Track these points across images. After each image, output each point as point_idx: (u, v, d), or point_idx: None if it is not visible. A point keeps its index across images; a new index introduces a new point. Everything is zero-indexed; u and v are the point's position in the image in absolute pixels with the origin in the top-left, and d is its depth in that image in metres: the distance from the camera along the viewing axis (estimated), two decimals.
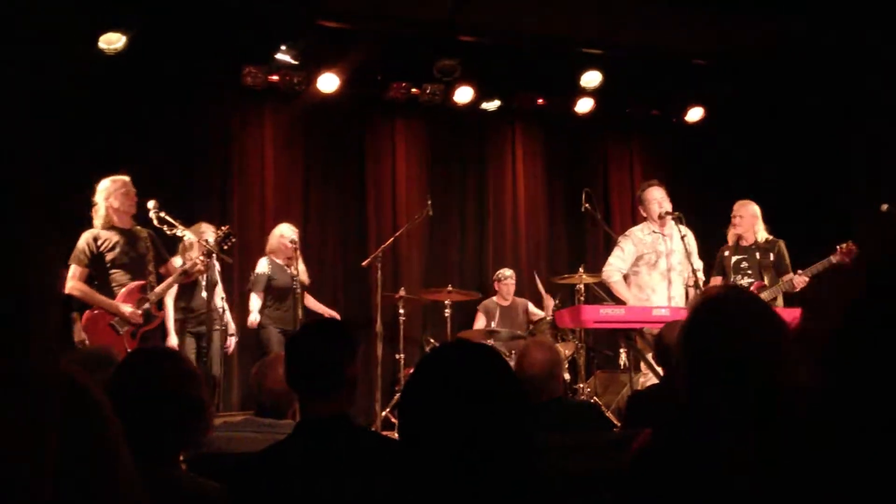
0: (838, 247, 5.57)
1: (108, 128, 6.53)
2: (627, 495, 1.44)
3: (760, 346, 1.47)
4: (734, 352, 1.47)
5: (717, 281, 6.14)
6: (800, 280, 5.71)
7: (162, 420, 1.89)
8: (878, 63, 6.55)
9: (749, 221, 6.04)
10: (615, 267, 5.93)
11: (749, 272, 5.98)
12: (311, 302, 6.67)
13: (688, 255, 5.69)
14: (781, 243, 6.04)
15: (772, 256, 5.97)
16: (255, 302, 6.37)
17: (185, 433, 1.97)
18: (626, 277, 5.98)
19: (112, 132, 6.54)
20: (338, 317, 6.61)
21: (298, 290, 6.04)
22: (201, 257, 5.42)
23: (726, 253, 6.14)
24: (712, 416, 1.48)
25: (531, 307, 7.63)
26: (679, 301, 5.84)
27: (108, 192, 5.27)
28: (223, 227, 5.73)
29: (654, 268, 5.89)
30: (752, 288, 5.76)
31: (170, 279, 5.38)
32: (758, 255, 5.98)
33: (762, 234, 6.06)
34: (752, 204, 6.12)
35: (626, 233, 6.16)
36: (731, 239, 6.17)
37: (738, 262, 6.05)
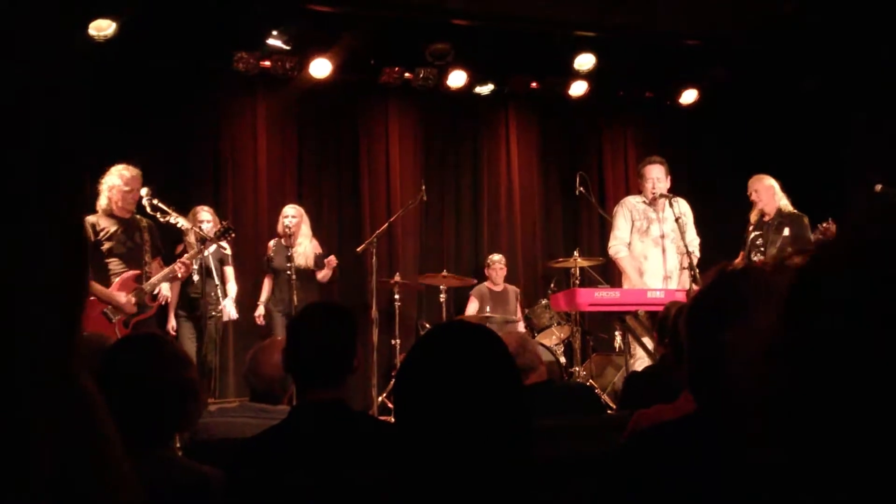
0: (819, 226, 5.56)
1: (99, 115, 6.48)
2: (618, 479, 1.43)
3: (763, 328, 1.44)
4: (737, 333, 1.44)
5: (741, 257, 6.10)
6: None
7: (152, 405, 1.89)
8: (871, 44, 6.53)
9: (767, 194, 5.94)
10: (620, 241, 5.92)
11: (763, 249, 5.88)
12: (322, 275, 6.55)
13: (681, 233, 5.67)
14: (803, 218, 5.87)
15: (786, 231, 5.81)
16: (265, 288, 6.57)
17: (176, 416, 1.96)
18: None
19: (103, 120, 6.50)
20: (333, 261, 6.47)
21: (292, 273, 6.03)
22: (184, 259, 5.41)
23: (750, 228, 6.08)
24: (713, 401, 1.47)
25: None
26: (674, 274, 5.80)
27: (113, 184, 5.27)
28: (223, 222, 5.73)
29: (645, 234, 5.86)
30: None
31: (163, 272, 5.37)
32: (770, 231, 5.86)
33: (785, 207, 5.92)
34: (767, 177, 6.01)
35: (621, 202, 6.14)
36: (753, 216, 6.08)
37: (755, 238, 5.97)
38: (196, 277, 5.67)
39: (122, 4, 6.15)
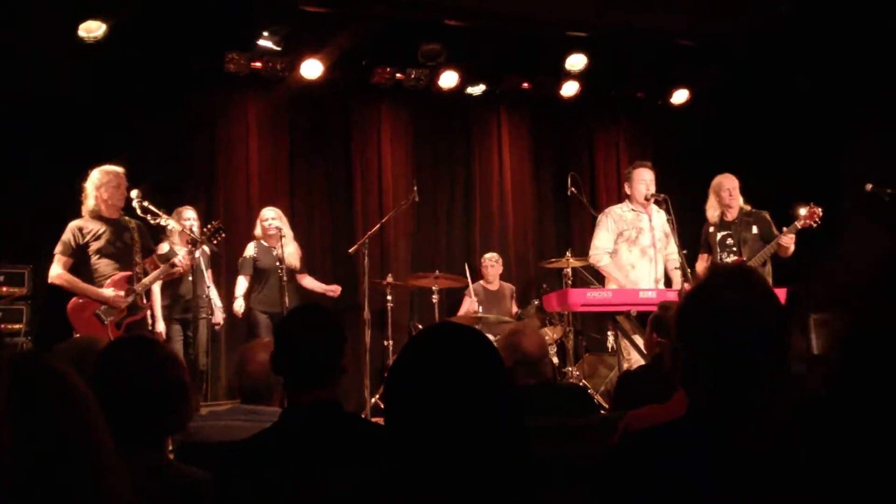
0: (801, 211, 5.59)
1: (90, 117, 6.46)
2: (608, 481, 1.43)
3: (766, 330, 1.43)
4: (735, 334, 1.43)
5: (703, 259, 6.11)
6: (787, 239, 5.63)
7: (145, 406, 1.89)
8: (862, 41, 6.56)
9: (736, 193, 6.00)
10: (601, 249, 5.89)
11: (734, 249, 5.91)
12: (309, 282, 6.68)
13: (667, 235, 5.69)
14: (765, 214, 5.95)
15: (755, 229, 5.89)
16: (241, 285, 6.45)
17: (168, 418, 1.97)
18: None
19: (94, 121, 6.48)
20: (338, 291, 6.64)
21: (283, 274, 6.02)
22: (181, 257, 5.36)
23: (711, 229, 6.08)
24: (707, 403, 1.46)
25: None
26: (661, 284, 5.81)
27: (100, 183, 5.23)
28: (212, 223, 5.70)
29: (633, 244, 5.84)
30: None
31: (156, 272, 5.35)
32: (740, 230, 5.91)
33: (744, 205, 6.00)
34: (733, 176, 6.06)
35: (605, 211, 6.09)
36: (711, 215, 6.10)
37: (724, 238, 5.99)
38: (191, 280, 5.65)
39: (112, 5, 6.12)
